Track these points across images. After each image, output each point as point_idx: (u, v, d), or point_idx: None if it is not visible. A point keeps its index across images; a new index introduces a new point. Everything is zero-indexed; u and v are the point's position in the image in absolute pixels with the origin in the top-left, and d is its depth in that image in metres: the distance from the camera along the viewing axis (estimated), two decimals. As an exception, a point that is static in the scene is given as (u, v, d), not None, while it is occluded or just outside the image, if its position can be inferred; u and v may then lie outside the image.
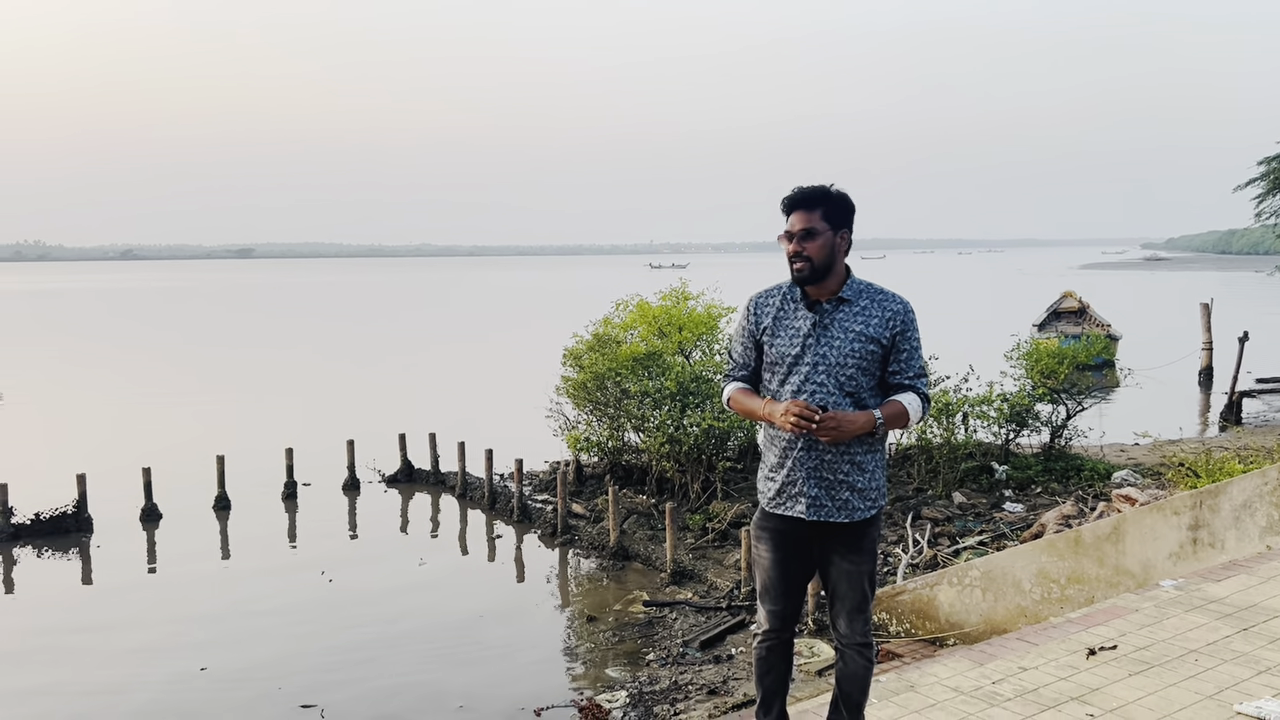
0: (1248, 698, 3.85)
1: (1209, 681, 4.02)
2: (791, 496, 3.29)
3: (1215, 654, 4.31)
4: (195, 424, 20.42)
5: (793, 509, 3.29)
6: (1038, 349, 14.40)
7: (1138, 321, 35.26)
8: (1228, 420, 18.15)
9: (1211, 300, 23.71)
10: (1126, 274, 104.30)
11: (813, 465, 3.25)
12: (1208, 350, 23.45)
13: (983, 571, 7.32)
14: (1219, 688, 3.96)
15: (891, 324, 3.27)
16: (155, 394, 25.56)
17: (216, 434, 18.04)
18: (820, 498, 3.25)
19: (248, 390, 26.11)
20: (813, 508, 3.26)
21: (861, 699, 3.44)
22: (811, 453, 3.24)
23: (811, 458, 3.25)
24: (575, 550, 11.70)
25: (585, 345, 13.88)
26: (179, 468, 14.89)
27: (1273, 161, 22.77)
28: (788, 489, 3.30)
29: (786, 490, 3.31)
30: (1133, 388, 18.00)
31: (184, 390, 26.20)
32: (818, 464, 3.24)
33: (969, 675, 4.21)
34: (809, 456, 3.25)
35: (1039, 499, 12.01)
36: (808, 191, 3.31)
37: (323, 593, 10.47)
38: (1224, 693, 3.91)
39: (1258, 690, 3.92)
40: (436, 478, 14.97)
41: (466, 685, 8.11)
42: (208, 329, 48.95)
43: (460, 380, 27.20)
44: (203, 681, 8.27)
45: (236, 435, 18.24)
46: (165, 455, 15.55)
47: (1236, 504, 6.52)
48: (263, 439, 17.42)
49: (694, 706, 7.25)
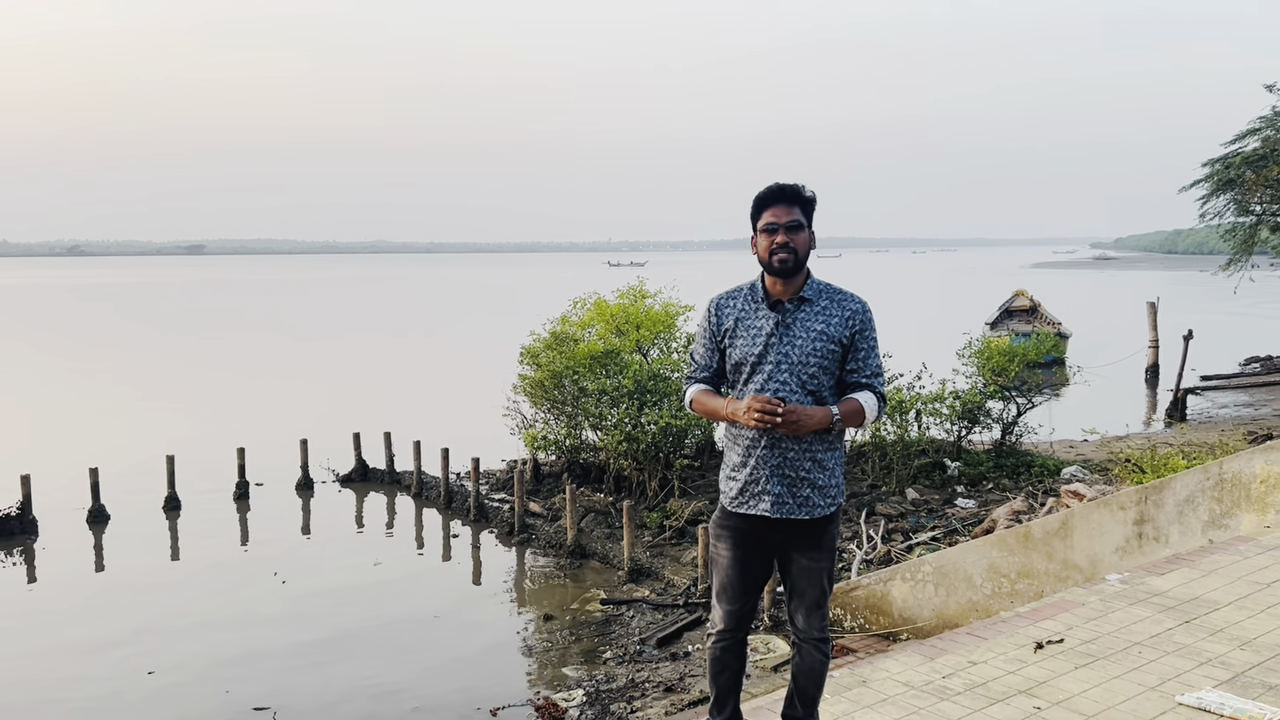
0: (1189, 689, 3.94)
1: (1152, 673, 4.11)
2: (755, 495, 3.31)
3: (1158, 646, 4.40)
4: (144, 423, 20.06)
5: (756, 507, 3.31)
6: (989, 347, 14.62)
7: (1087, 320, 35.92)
8: (1173, 417, 18.55)
9: (1158, 299, 24.22)
10: (1076, 273, 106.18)
11: (776, 463, 3.27)
12: (1154, 348, 23.96)
13: (935, 567, 7.42)
14: (1161, 679, 4.05)
15: (850, 323, 3.30)
16: (103, 392, 25.09)
17: (166, 433, 17.72)
18: (783, 495, 3.28)
19: (198, 389, 25.68)
20: (776, 505, 3.28)
21: (817, 694, 3.47)
22: (774, 451, 3.27)
23: (774, 456, 3.27)
24: (532, 549, 11.67)
25: (543, 343, 13.84)
26: (127, 468, 14.63)
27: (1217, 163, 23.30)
28: (750, 487, 3.32)
29: (749, 489, 3.32)
30: (1081, 385, 18.34)
31: (132, 389, 25.74)
32: (780, 462, 3.27)
33: (920, 670, 4.26)
34: (772, 455, 3.27)
35: (990, 495, 12.20)
36: (793, 186, 3.34)
37: (275, 594, 10.34)
38: (1166, 684, 4.00)
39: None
40: (392, 477, 14.85)
41: (421, 686, 8.05)
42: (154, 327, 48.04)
43: (416, 378, 26.99)
44: (150, 685, 8.13)
45: (187, 435, 17.93)
46: (113, 455, 15.26)
47: (1180, 499, 6.67)
48: (213, 438, 17.17)
49: (650, 704, 7.27)
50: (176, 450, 13.66)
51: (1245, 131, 22.82)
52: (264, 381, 26.79)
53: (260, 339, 40.01)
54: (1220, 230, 24.29)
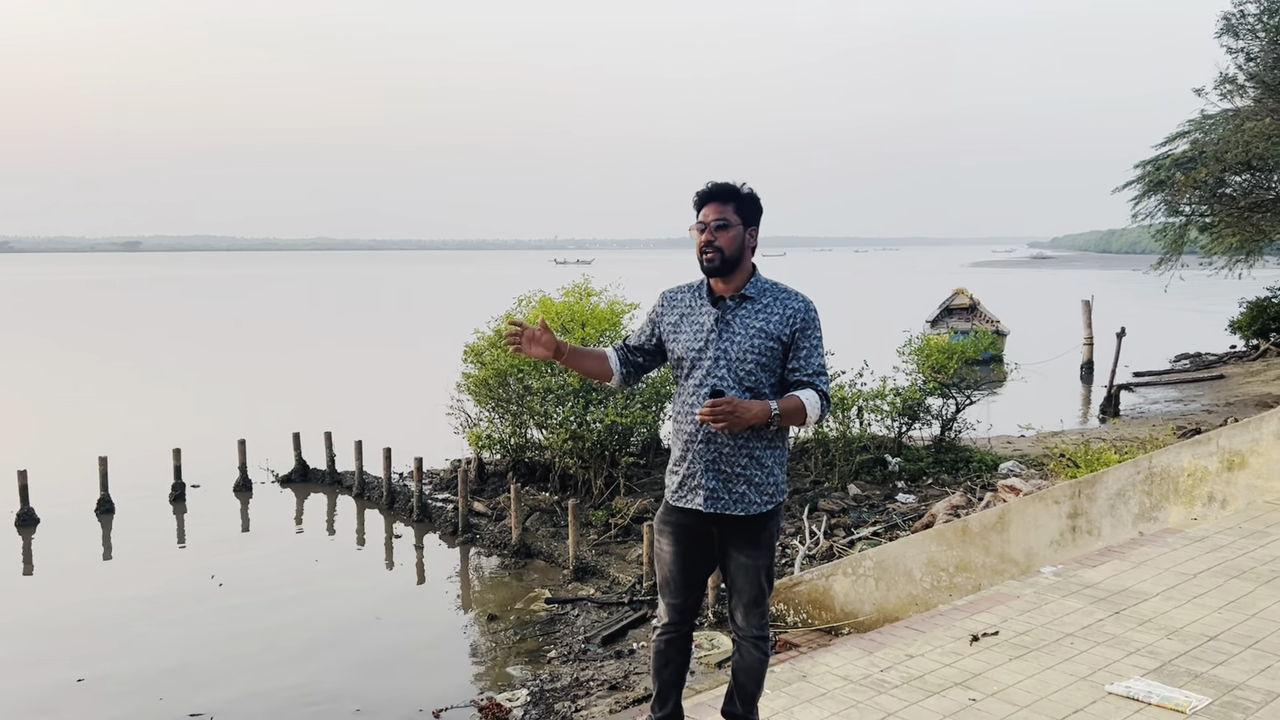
0: (1118, 678, 4.04)
1: (1083, 664, 4.21)
2: (691, 489, 3.35)
3: (1089, 637, 4.51)
4: (75, 424, 19.52)
5: (692, 501, 3.35)
6: (929, 344, 14.85)
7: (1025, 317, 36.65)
8: (1106, 413, 19.00)
9: (1092, 297, 24.80)
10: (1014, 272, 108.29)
11: (711, 458, 3.30)
12: (1089, 345, 24.54)
13: (876, 562, 7.51)
14: (1092, 669, 4.15)
15: (791, 321, 3.33)
16: (30, 392, 24.36)
17: (98, 434, 17.26)
18: (718, 490, 3.30)
19: (130, 388, 25.08)
20: (710, 500, 3.31)
21: (756, 690, 3.49)
22: (710, 446, 3.30)
23: (710, 451, 3.30)
24: (477, 549, 11.58)
25: (487, 341, 13.74)
26: (58, 470, 14.22)
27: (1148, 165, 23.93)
28: (688, 481, 3.36)
29: (687, 483, 3.36)
30: (1018, 381, 18.70)
31: (61, 389, 25.03)
32: (716, 457, 3.30)
33: (859, 664, 4.31)
34: (708, 450, 3.30)
35: (930, 490, 12.40)
36: (722, 185, 3.39)
37: (211, 597, 10.12)
38: (1096, 674, 4.10)
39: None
40: (333, 477, 14.63)
41: (363, 689, 7.95)
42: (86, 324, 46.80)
43: (356, 377, 26.60)
44: (79, 694, 7.90)
45: (119, 435, 17.49)
46: (43, 457, 14.84)
47: (1112, 493, 6.84)
48: (148, 439, 16.75)
49: (595, 702, 7.26)
50: (109, 451, 13.31)
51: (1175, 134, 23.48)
52: (199, 381, 26.21)
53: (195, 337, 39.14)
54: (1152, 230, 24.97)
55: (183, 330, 42.78)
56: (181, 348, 34.84)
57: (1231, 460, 6.58)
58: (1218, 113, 21.11)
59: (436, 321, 43.83)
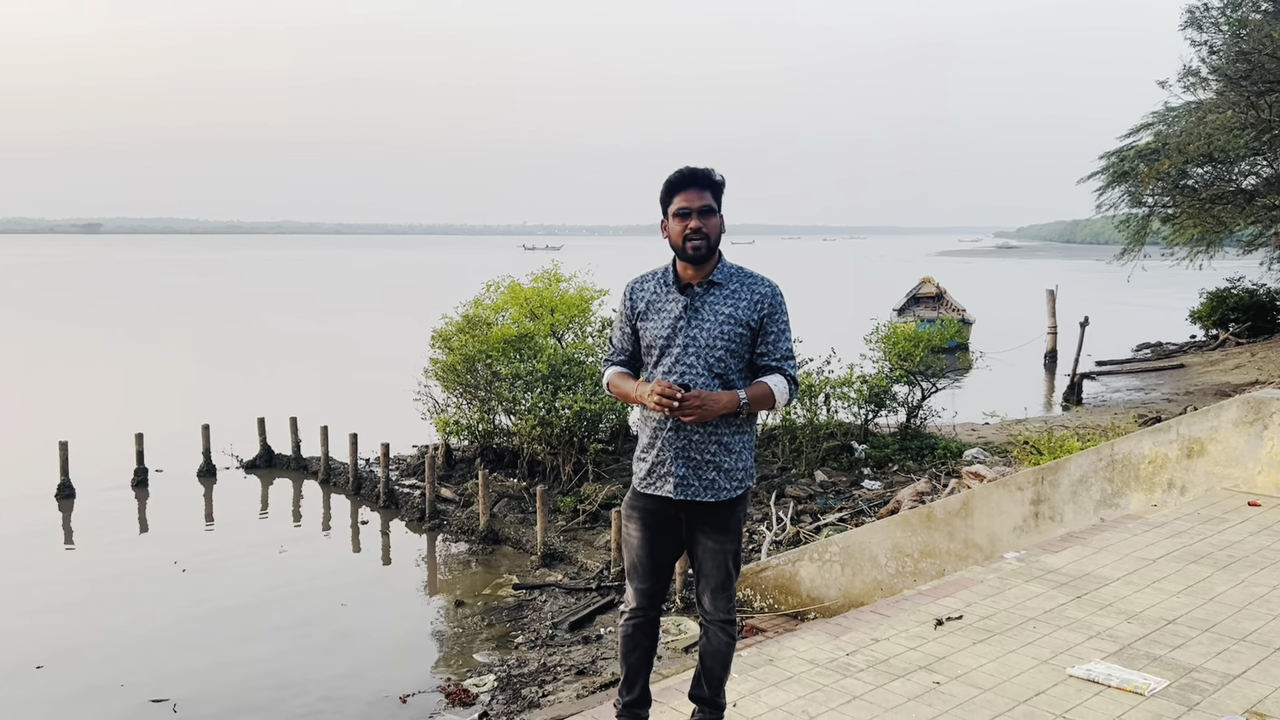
0: (1079, 661, 4.10)
1: (1045, 647, 4.27)
2: (660, 476, 3.34)
3: (1051, 621, 4.57)
4: (35, 408, 19.21)
5: (661, 488, 3.34)
6: (895, 332, 14.96)
7: (990, 306, 37.01)
8: (1069, 400, 19.25)
9: (1057, 287, 25.09)
10: (980, 261, 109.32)
11: (680, 445, 3.30)
12: (1053, 334, 24.84)
13: (842, 547, 7.57)
14: (1054, 653, 4.21)
15: (759, 306, 3.33)
16: (-11, 376, 23.94)
17: (59, 419, 16.98)
18: (688, 477, 3.31)
19: (92, 372, 24.71)
20: (680, 487, 3.31)
21: (723, 674, 3.51)
22: (679, 433, 3.30)
23: (679, 438, 3.30)
24: (444, 535, 11.55)
25: (455, 327, 13.66)
26: (17, 455, 13.99)
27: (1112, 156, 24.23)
28: (657, 469, 3.35)
29: (656, 470, 3.36)
30: (983, 370, 18.91)
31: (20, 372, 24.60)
32: (685, 444, 3.30)
33: (825, 648, 4.35)
34: (677, 437, 3.30)
35: (896, 476, 12.51)
36: (704, 171, 3.33)
37: (175, 583, 10.02)
38: (1058, 657, 4.16)
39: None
40: (299, 463, 14.51)
41: (329, 675, 7.91)
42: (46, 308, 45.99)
43: (323, 362, 26.37)
44: (39, 680, 7.80)
45: (81, 420, 17.21)
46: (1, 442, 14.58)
47: (1074, 479, 6.94)
48: (110, 423, 16.54)
49: (562, 687, 7.27)
50: (70, 436, 13.11)
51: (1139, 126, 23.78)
52: (163, 365, 25.87)
53: (158, 321, 38.61)
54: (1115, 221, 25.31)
55: (146, 314, 42.16)
56: (144, 332, 34.35)
57: (1191, 448, 6.69)
58: (1181, 105, 21.40)
59: (403, 306, 43.50)
